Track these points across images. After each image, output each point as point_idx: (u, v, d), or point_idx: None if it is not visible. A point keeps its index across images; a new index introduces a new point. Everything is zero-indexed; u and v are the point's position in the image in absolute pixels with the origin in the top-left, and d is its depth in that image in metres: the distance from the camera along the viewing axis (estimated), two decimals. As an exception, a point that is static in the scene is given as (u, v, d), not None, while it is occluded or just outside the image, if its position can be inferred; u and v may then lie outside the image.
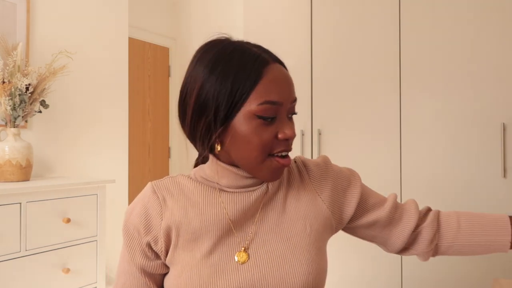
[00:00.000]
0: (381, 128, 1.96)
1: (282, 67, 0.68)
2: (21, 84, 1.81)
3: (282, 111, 0.66)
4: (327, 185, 0.77)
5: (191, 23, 3.20)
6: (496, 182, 1.70)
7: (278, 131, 0.66)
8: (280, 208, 0.73)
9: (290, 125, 0.66)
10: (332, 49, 2.10)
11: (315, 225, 0.73)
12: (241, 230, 0.70)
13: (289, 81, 0.67)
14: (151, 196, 0.71)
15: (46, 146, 2.18)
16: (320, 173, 0.78)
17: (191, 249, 0.68)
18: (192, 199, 0.71)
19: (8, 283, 1.60)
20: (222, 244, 0.68)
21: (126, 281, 0.72)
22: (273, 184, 0.74)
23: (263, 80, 0.64)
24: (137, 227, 0.70)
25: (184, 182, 0.73)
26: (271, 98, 0.64)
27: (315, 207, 0.74)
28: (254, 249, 0.69)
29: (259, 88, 0.64)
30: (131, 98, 3.00)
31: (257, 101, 0.64)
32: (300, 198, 0.75)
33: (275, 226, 0.71)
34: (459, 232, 0.78)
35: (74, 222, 1.84)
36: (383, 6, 1.97)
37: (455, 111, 1.78)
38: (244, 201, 0.70)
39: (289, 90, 0.67)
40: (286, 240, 0.70)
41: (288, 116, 0.68)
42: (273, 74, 0.65)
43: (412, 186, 1.88)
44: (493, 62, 1.71)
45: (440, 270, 1.81)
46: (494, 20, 1.71)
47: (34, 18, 2.15)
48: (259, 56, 0.65)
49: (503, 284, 0.92)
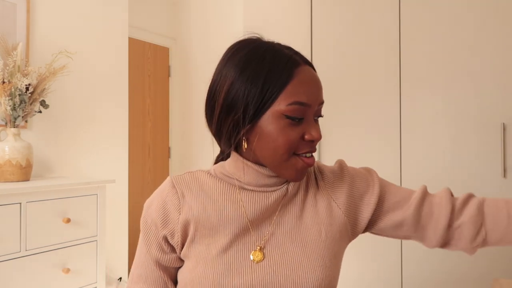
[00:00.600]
0: (381, 128, 1.96)
1: (312, 69, 0.69)
2: (21, 84, 1.81)
3: (309, 112, 0.67)
4: (343, 191, 0.76)
5: (191, 23, 3.20)
6: (496, 182, 1.69)
7: (305, 132, 0.67)
8: (298, 212, 0.73)
9: (316, 127, 0.68)
10: (332, 49, 2.10)
11: (330, 232, 0.72)
12: (258, 230, 0.71)
13: (318, 84, 0.69)
14: (170, 190, 0.72)
15: (46, 146, 2.18)
16: (334, 179, 0.77)
17: (207, 244, 0.69)
18: (211, 195, 0.72)
19: (8, 283, 1.60)
20: (238, 241, 0.69)
21: (142, 272, 0.74)
22: (293, 187, 0.74)
23: (293, 81, 0.65)
24: (155, 221, 0.72)
25: (203, 178, 0.74)
26: (300, 99, 0.65)
27: (331, 213, 0.74)
28: (269, 249, 0.69)
29: (289, 89, 0.65)
30: (131, 98, 2.99)
31: (286, 101, 0.65)
32: (317, 203, 0.75)
33: (291, 229, 0.72)
34: (510, 225, 0.69)
35: (74, 222, 1.84)
36: (383, 6, 1.97)
37: (455, 111, 1.78)
38: (263, 201, 0.71)
39: (318, 92, 0.68)
40: (301, 244, 0.70)
41: (315, 118, 0.69)
42: (303, 76, 0.67)
43: (412, 186, 1.88)
44: (493, 62, 1.71)
45: (440, 270, 1.81)
46: (494, 20, 1.71)
47: (34, 18, 2.15)
48: (290, 57, 0.67)
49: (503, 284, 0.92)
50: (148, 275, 0.74)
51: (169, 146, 3.31)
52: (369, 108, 1.99)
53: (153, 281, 0.74)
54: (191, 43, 3.19)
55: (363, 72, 2.01)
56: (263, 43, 0.70)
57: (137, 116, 3.06)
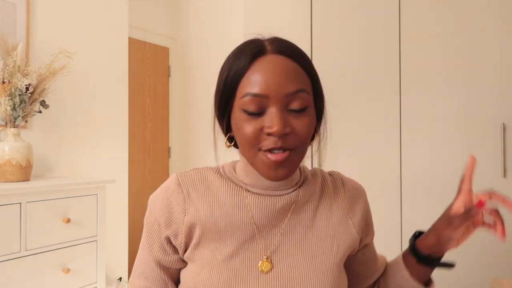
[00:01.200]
0: (381, 128, 1.96)
1: (284, 59, 0.63)
2: (21, 84, 1.81)
3: (270, 104, 0.61)
4: (359, 210, 0.74)
5: (191, 23, 3.20)
6: (496, 182, 1.69)
7: (264, 125, 0.61)
8: (309, 222, 0.70)
9: (278, 120, 0.60)
10: (332, 49, 2.10)
11: (342, 247, 0.70)
12: (266, 237, 0.67)
13: (283, 72, 0.61)
14: (176, 189, 0.69)
15: (46, 146, 2.18)
16: (355, 195, 0.75)
17: (213, 249, 0.66)
18: (219, 197, 0.68)
19: (8, 283, 1.60)
20: (245, 249, 0.66)
21: (143, 270, 0.72)
22: (304, 192, 0.70)
23: (248, 71, 0.62)
24: (158, 220, 0.69)
25: (211, 177, 0.71)
26: (252, 90, 0.61)
27: (345, 228, 0.71)
28: (277, 259, 0.66)
29: (244, 80, 0.62)
30: (131, 98, 2.99)
31: (241, 93, 0.62)
32: (332, 215, 0.71)
33: (301, 239, 0.68)
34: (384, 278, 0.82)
35: (74, 222, 1.84)
36: (383, 6, 1.97)
37: (455, 111, 1.78)
38: (270, 206, 0.67)
39: (280, 80, 0.60)
40: (311, 257, 0.67)
41: (288, 109, 0.62)
42: (262, 65, 0.61)
43: (412, 186, 1.88)
44: (493, 62, 1.71)
45: (440, 270, 1.81)
46: (494, 20, 1.71)
47: (34, 18, 2.15)
48: (257, 47, 0.63)
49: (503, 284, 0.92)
50: (149, 274, 0.72)
51: (169, 146, 3.32)
52: (369, 108, 1.99)
53: (154, 280, 0.72)
54: (191, 43, 3.19)
55: (363, 72, 2.01)
56: (253, 39, 0.67)
57: (137, 116, 3.06)
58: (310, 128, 0.63)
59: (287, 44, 0.65)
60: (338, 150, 2.07)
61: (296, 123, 0.62)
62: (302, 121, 0.62)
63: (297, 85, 0.61)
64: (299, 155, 0.64)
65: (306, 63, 0.65)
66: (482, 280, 1.71)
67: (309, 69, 0.65)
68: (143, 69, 3.11)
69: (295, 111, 0.62)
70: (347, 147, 2.04)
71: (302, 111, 0.62)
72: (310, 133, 0.63)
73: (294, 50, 0.64)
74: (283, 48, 0.64)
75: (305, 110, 0.63)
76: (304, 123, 0.62)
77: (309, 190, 0.71)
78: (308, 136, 0.63)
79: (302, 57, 0.65)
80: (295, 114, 0.62)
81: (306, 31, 2.16)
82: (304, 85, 0.63)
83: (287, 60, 0.63)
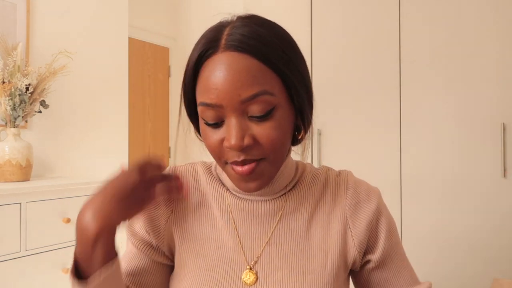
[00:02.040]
0: (381, 128, 1.96)
1: (238, 56, 0.52)
2: (21, 84, 1.81)
3: (226, 114, 0.53)
4: (364, 220, 0.62)
5: (191, 23, 3.20)
6: (496, 182, 1.69)
7: (224, 138, 0.54)
8: (303, 233, 0.61)
9: (234, 133, 0.52)
10: (332, 49, 2.10)
11: (338, 262, 0.60)
12: (249, 246, 0.61)
13: (235, 75, 0.51)
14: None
15: (46, 146, 2.18)
16: (360, 201, 0.63)
17: (196, 255, 0.62)
18: (206, 199, 0.64)
19: (8, 283, 1.60)
20: (227, 256, 0.60)
21: (125, 255, 0.66)
22: (295, 198, 0.62)
23: (200, 75, 0.54)
24: (145, 214, 0.64)
25: (201, 175, 0.66)
26: (204, 99, 0.53)
27: (343, 241, 0.61)
28: (263, 272, 0.59)
29: (198, 85, 0.55)
30: (131, 98, 2.99)
31: (197, 99, 0.55)
32: (330, 225, 0.62)
33: (292, 252, 0.60)
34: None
35: (74, 222, 1.84)
36: (383, 6, 1.97)
37: (455, 111, 1.78)
38: (252, 211, 0.61)
39: (232, 87, 0.51)
40: (301, 273, 0.59)
41: (249, 116, 0.53)
42: (211, 68, 0.53)
43: (412, 186, 1.88)
44: (493, 62, 1.71)
45: (440, 270, 1.81)
46: (494, 20, 1.71)
47: (34, 18, 2.15)
48: (209, 42, 0.54)
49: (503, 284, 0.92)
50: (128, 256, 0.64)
51: (169, 146, 3.31)
52: (369, 108, 1.99)
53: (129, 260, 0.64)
54: (191, 43, 3.18)
55: (363, 72, 2.01)
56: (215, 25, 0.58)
57: (137, 116, 3.06)
58: (279, 132, 0.54)
59: (247, 33, 0.53)
60: (338, 150, 2.07)
61: (259, 132, 0.53)
62: (267, 128, 0.53)
63: (253, 89, 0.52)
64: (273, 163, 0.56)
65: (270, 55, 0.53)
66: (482, 280, 1.71)
67: (275, 61, 0.53)
68: (143, 69, 3.11)
69: (257, 118, 0.53)
70: (347, 147, 2.04)
71: (266, 116, 0.53)
72: (280, 137, 0.54)
73: (253, 41, 0.52)
74: (237, 42, 0.52)
75: (270, 114, 0.53)
76: (269, 129, 0.53)
77: (303, 194, 0.63)
78: (278, 142, 0.54)
79: (266, 48, 0.53)
80: (257, 121, 0.53)
81: (306, 31, 2.16)
82: (265, 86, 0.52)
83: (241, 58, 0.52)
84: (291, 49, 0.57)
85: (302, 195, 0.63)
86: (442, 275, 1.80)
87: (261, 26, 0.55)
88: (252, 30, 0.54)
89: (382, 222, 0.63)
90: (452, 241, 1.78)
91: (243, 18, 0.57)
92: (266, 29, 0.55)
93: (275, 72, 0.54)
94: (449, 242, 1.79)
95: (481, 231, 1.72)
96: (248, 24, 0.55)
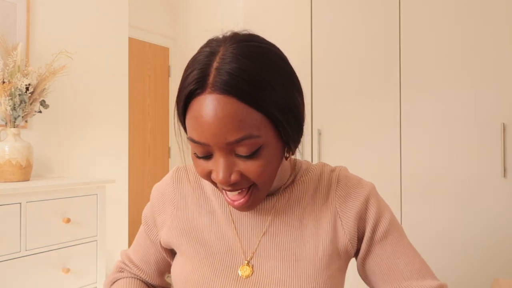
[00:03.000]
0: (381, 128, 1.96)
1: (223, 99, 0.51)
2: (21, 84, 1.81)
3: (214, 151, 0.55)
4: (353, 210, 0.65)
5: (191, 23, 3.20)
6: (496, 182, 1.70)
7: (212, 170, 0.57)
8: (296, 223, 0.65)
9: (221, 170, 0.54)
10: (332, 49, 2.10)
11: (329, 250, 0.63)
12: (246, 239, 0.65)
13: (220, 120, 0.51)
14: (169, 182, 0.73)
15: (46, 146, 2.18)
16: (349, 194, 0.66)
17: (195, 244, 0.67)
18: (206, 194, 0.70)
19: (8, 283, 1.60)
20: (225, 251, 0.65)
21: (135, 243, 0.79)
22: (289, 195, 0.66)
23: (188, 113, 0.55)
24: (153, 207, 0.74)
25: None
26: (193, 136, 0.55)
27: (333, 231, 0.64)
28: (258, 263, 0.63)
29: (187, 122, 0.56)
30: (131, 98, 2.99)
31: (187, 134, 0.57)
32: (321, 216, 0.65)
33: (285, 242, 0.64)
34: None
35: (74, 222, 1.84)
36: (383, 5, 1.97)
37: (455, 111, 1.78)
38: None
39: (217, 131, 0.52)
40: (294, 261, 0.62)
41: (236, 154, 0.55)
42: (197, 109, 0.53)
43: (412, 186, 1.88)
44: (493, 62, 1.71)
45: (440, 270, 1.81)
46: (494, 20, 1.71)
47: (34, 18, 2.15)
48: (197, 80, 0.53)
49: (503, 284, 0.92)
50: (139, 248, 0.78)
51: (169, 146, 3.31)
52: (369, 108, 1.99)
53: (142, 253, 0.77)
54: (191, 43, 3.19)
55: (363, 72, 2.01)
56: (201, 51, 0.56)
57: (137, 116, 3.05)
58: (267, 166, 0.56)
59: (234, 72, 0.51)
60: (337, 150, 2.07)
61: (246, 168, 0.55)
62: (254, 166, 0.55)
63: (239, 133, 0.52)
64: (263, 189, 0.58)
65: (258, 97, 0.52)
66: (482, 280, 1.71)
67: (261, 103, 0.52)
68: (143, 69, 3.11)
69: (244, 156, 0.54)
70: (346, 147, 2.04)
71: (252, 156, 0.54)
72: (268, 171, 0.56)
73: (241, 82, 0.51)
74: (223, 84, 0.51)
75: (257, 153, 0.54)
76: (256, 167, 0.55)
77: (298, 190, 0.66)
78: (265, 176, 0.56)
79: (253, 89, 0.52)
80: (244, 159, 0.55)
81: (306, 31, 2.16)
82: (251, 129, 0.52)
83: (228, 102, 0.51)
84: (282, 85, 0.55)
85: (297, 190, 0.67)
86: (442, 275, 1.80)
87: (252, 60, 0.53)
88: (240, 68, 0.52)
89: (371, 211, 0.65)
90: (452, 241, 1.78)
91: (235, 44, 0.54)
92: (257, 63, 0.53)
93: (262, 113, 0.53)
94: (449, 242, 1.79)
95: (481, 231, 1.72)
96: (237, 57, 0.52)
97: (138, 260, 0.77)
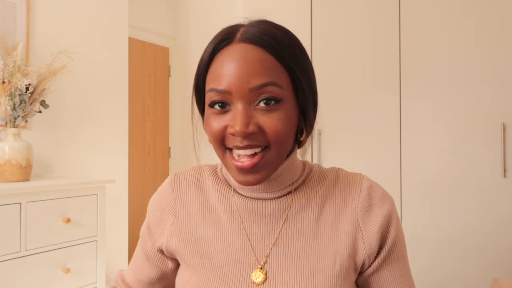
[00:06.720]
0: (381, 128, 1.96)
1: (252, 48, 0.55)
2: (21, 84, 1.81)
3: (234, 100, 0.54)
4: (376, 223, 0.61)
5: (191, 23, 3.20)
6: (496, 182, 1.69)
7: (229, 124, 0.55)
8: (310, 232, 0.61)
9: (240, 119, 0.53)
10: (332, 49, 2.10)
11: (346, 264, 0.59)
12: (258, 246, 0.61)
13: (246, 64, 0.54)
14: (167, 190, 0.69)
15: (46, 146, 2.18)
16: (373, 204, 0.62)
17: (201, 256, 0.63)
18: (210, 202, 0.65)
19: (8, 283, 1.60)
20: (236, 257, 0.61)
21: (134, 262, 0.77)
22: (302, 197, 0.62)
23: (213, 64, 0.57)
24: (150, 224, 0.70)
25: (206, 178, 0.68)
26: (214, 85, 0.55)
27: (352, 242, 0.60)
28: (272, 273, 0.59)
29: (209, 73, 0.57)
30: (131, 98, 2.99)
31: (207, 88, 0.58)
32: (339, 225, 0.61)
33: (300, 252, 0.60)
34: None
35: (74, 222, 1.84)
36: (383, 6, 1.97)
37: (455, 111, 1.78)
38: (259, 211, 0.61)
39: (243, 75, 0.53)
40: (309, 274, 0.58)
41: (255, 105, 0.55)
42: (225, 57, 0.55)
43: (412, 186, 1.88)
44: (493, 62, 1.71)
45: (440, 270, 1.81)
46: (494, 20, 1.71)
47: (34, 18, 2.15)
48: (226, 34, 0.57)
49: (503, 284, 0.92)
50: (137, 265, 0.74)
51: (169, 146, 3.31)
52: (369, 108, 1.99)
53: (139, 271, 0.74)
54: (191, 43, 3.19)
55: (363, 72, 2.01)
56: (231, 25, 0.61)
57: (137, 116, 3.05)
58: (284, 124, 0.55)
59: (261, 30, 0.56)
60: (337, 150, 2.07)
61: (264, 121, 0.54)
62: (272, 118, 0.54)
63: (263, 78, 0.54)
64: (275, 154, 0.56)
65: (282, 52, 0.55)
66: (482, 280, 1.71)
67: (286, 58, 0.56)
68: (143, 69, 3.11)
69: (264, 107, 0.54)
70: (346, 147, 2.04)
71: (272, 107, 0.54)
72: (284, 129, 0.55)
73: (267, 37, 0.55)
74: (251, 35, 0.55)
75: (276, 106, 0.55)
76: (275, 120, 0.54)
77: (309, 194, 0.63)
78: (282, 133, 0.55)
79: (278, 45, 0.55)
80: (263, 111, 0.54)
81: (306, 31, 2.16)
82: (274, 78, 0.54)
83: (255, 49, 0.55)
84: (302, 53, 0.59)
85: (309, 195, 0.63)
86: (442, 275, 1.80)
87: (275, 28, 0.58)
88: (266, 29, 0.57)
89: (392, 229, 0.62)
90: (452, 241, 1.78)
91: (257, 21, 0.60)
92: (280, 31, 0.58)
93: (285, 68, 0.56)
94: (449, 242, 1.79)
95: (481, 231, 1.72)
96: (263, 24, 0.58)
97: (131, 279, 0.74)
